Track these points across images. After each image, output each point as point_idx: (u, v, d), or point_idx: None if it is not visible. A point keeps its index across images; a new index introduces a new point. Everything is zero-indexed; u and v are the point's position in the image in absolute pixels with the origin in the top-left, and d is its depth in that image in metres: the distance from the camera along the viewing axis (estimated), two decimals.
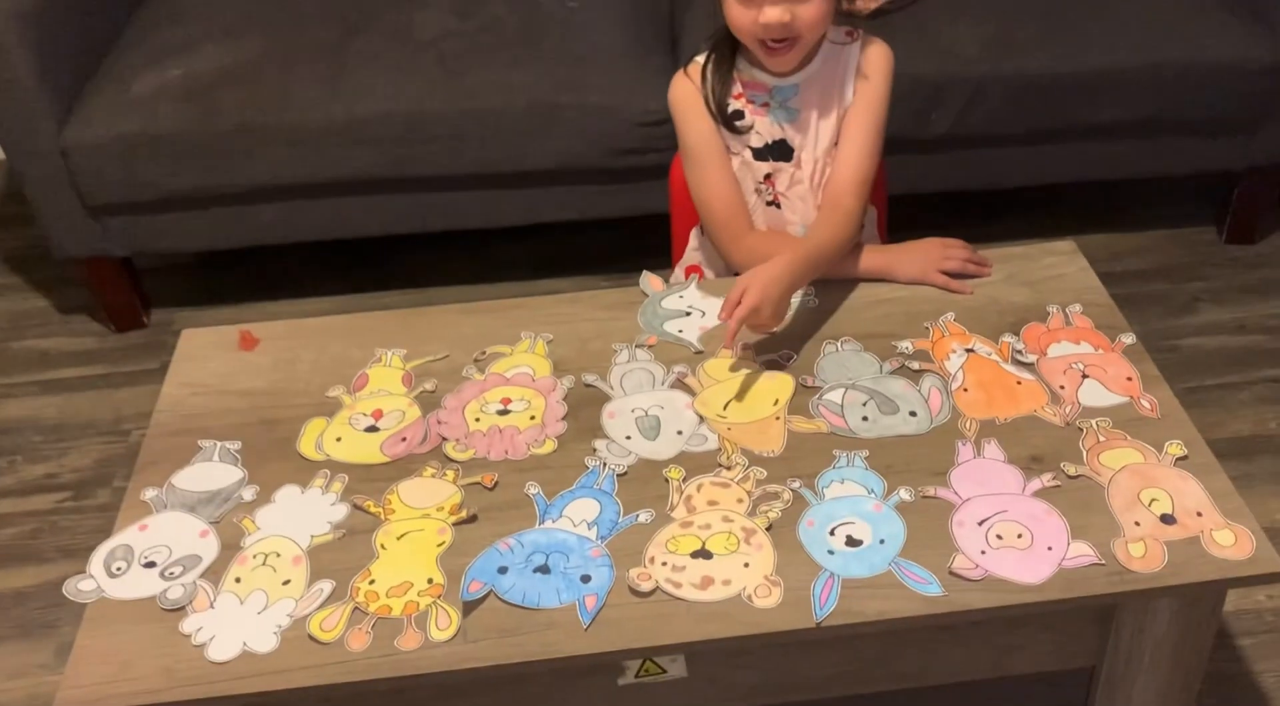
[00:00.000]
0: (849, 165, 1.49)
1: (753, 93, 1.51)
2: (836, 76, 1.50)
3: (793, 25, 1.39)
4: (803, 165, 1.53)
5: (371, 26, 2.27)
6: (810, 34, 1.42)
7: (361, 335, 1.46)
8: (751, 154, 1.53)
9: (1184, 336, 2.23)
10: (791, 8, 1.38)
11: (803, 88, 1.50)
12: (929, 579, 1.11)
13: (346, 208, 2.24)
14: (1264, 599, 1.74)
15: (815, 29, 1.42)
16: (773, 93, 1.50)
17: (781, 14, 1.37)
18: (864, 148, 1.49)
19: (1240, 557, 1.12)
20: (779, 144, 1.52)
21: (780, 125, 1.51)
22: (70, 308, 2.46)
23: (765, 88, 1.50)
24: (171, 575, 1.16)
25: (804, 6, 1.38)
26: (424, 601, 1.12)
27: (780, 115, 1.51)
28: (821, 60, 1.50)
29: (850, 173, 1.49)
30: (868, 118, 1.50)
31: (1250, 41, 2.17)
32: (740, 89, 1.51)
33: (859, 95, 1.50)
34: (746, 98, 1.51)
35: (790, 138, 1.52)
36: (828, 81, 1.50)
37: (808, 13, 1.39)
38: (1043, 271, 1.49)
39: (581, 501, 1.21)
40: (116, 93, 2.16)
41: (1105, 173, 2.36)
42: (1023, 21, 2.22)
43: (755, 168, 1.53)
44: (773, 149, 1.52)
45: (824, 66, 1.50)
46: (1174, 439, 1.24)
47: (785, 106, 1.50)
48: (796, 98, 1.50)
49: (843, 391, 1.33)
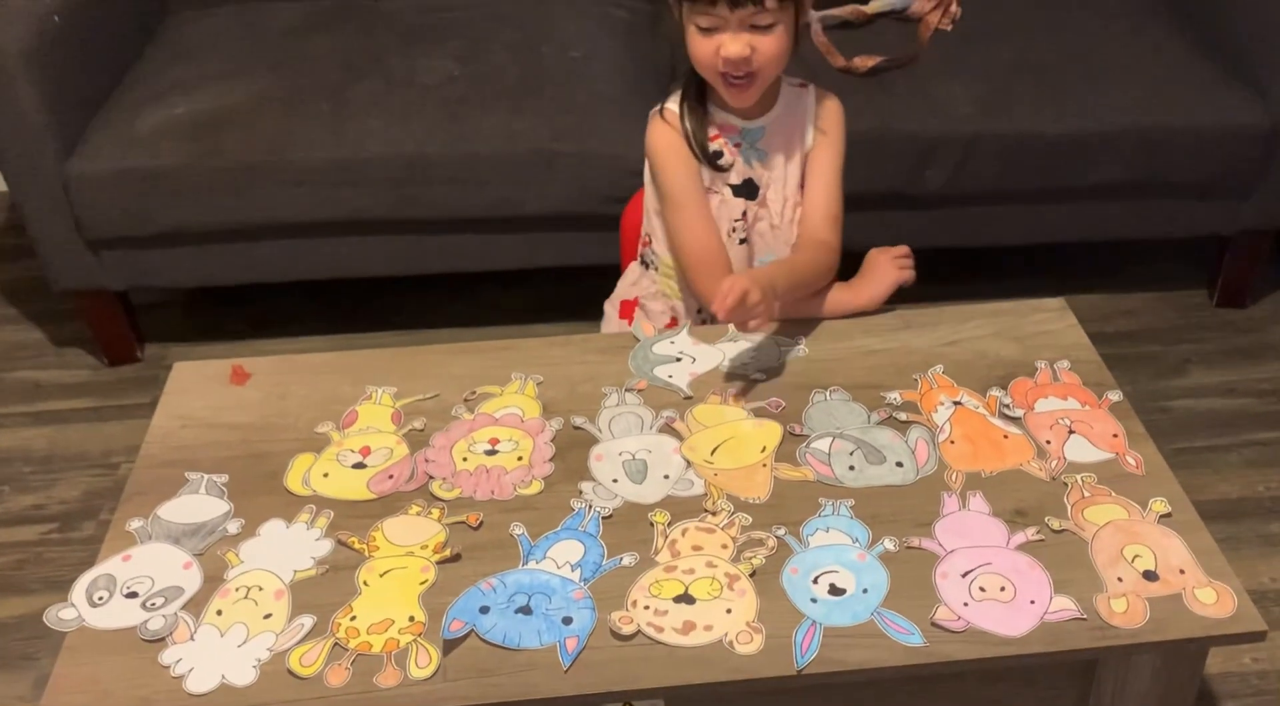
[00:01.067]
0: (821, 203, 1.56)
1: (726, 134, 1.55)
2: (797, 121, 1.56)
3: (752, 59, 1.42)
4: (768, 204, 1.57)
5: (375, 71, 2.30)
6: (769, 69, 1.46)
7: (352, 372, 1.47)
8: (731, 192, 1.56)
9: (1174, 398, 2.24)
10: (752, 41, 1.41)
11: (769, 130, 1.55)
12: (911, 629, 1.11)
13: (344, 248, 2.26)
14: (1249, 662, 1.74)
15: (774, 64, 1.46)
16: (743, 133, 1.55)
17: (742, 48, 1.41)
18: (832, 187, 1.57)
19: (1222, 616, 1.12)
20: (747, 183, 1.57)
21: (750, 165, 1.56)
22: (65, 340, 2.47)
23: (736, 129, 1.55)
24: (153, 606, 1.16)
25: (763, 40, 1.42)
26: (404, 639, 1.12)
27: (750, 155, 1.56)
28: (783, 105, 1.55)
29: (823, 210, 1.56)
30: (832, 161, 1.57)
31: (1242, 106, 2.20)
32: (716, 130, 1.55)
33: (821, 141, 1.56)
34: (723, 137, 1.55)
35: (758, 177, 1.56)
36: (790, 125, 1.56)
37: (767, 47, 1.42)
38: (1032, 327, 1.51)
39: (566, 543, 1.21)
40: (120, 128, 2.18)
41: (1097, 234, 2.38)
42: (1017, 82, 2.25)
43: (733, 205, 1.57)
44: (742, 189, 1.57)
45: (785, 111, 1.56)
46: (1158, 496, 1.24)
47: (755, 147, 1.55)
48: (764, 139, 1.55)
49: (830, 440, 1.33)
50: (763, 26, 1.41)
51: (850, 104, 2.18)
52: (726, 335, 1.51)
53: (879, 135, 2.18)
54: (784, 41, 1.44)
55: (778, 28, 1.42)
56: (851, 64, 2.27)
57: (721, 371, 1.45)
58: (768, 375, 1.44)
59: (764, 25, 1.41)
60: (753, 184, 1.57)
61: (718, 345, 1.49)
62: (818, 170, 1.56)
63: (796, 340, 1.49)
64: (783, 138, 1.56)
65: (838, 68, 2.28)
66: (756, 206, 1.57)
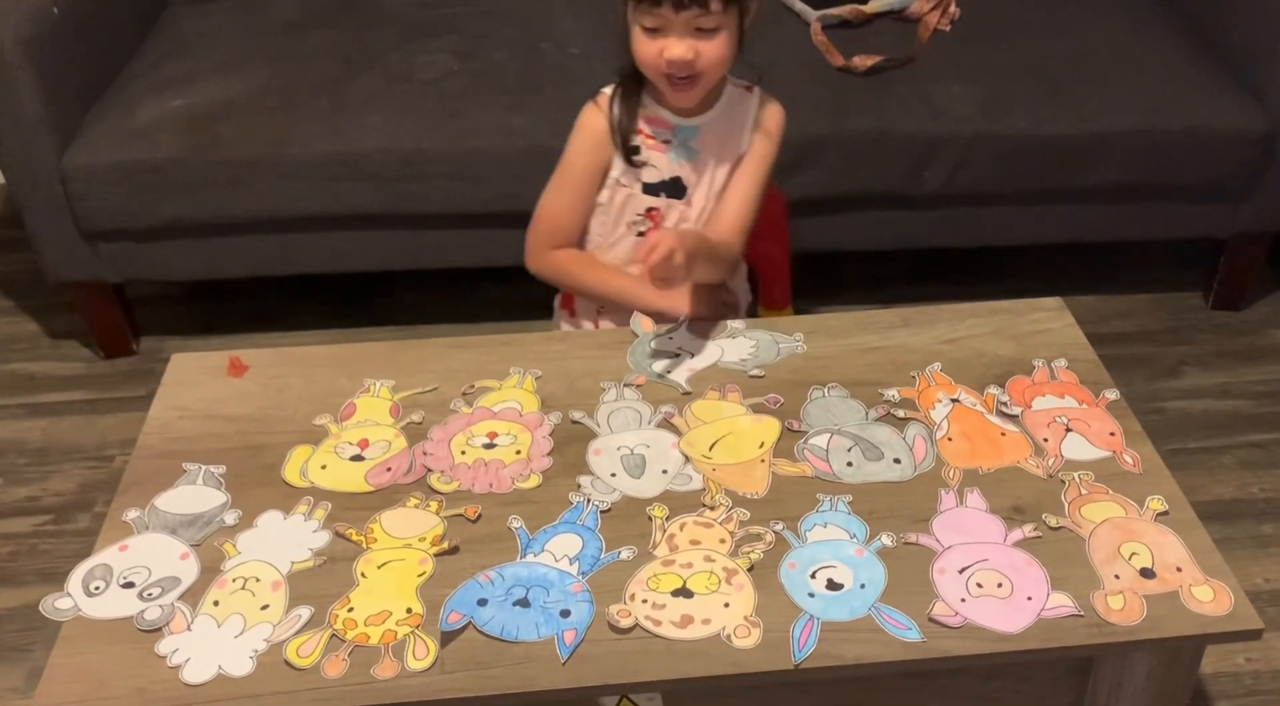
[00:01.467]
0: (734, 212, 1.55)
1: (656, 129, 1.55)
2: (736, 124, 1.55)
3: (695, 63, 1.43)
4: (693, 204, 1.57)
5: (374, 66, 2.30)
6: (712, 72, 1.46)
7: (350, 365, 1.47)
8: (641, 188, 1.56)
9: (1168, 399, 2.24)
10: (695, 45, 1.42)
11: (703, 130, 1.55)
12: (908, 624, 1.11)
13: (341, 242, 2.25)
14: (1243, 661, 1.74)
15: (717, 67, 1.46)
16: (675, 131, 1.55)
17: (685, 50, 1.41)
18: (750, 198, 1.56)
19: (1219, 614, 1.12)
20: (674, 181, 1.56)
21: (679, 163, 1.56)
22: (60, 332, 2.46)
23: (668, 125, 1.55)
24: (150, 596, 1.16)
25: (707, 44, 1.42)
26: (402, 630, 1.12)
27: (680, 153, 1.55)
28: (724, 106, 1.55)
29: (735, 219, 1.55)
30: (758, 171, 1.56)
31: (1240, 110, 2.21)
32: (643, 125, 1.55)
33: (754, 148, 1.56)
34: (648, 133, 1.55)
35: (686, 176, 1.56)
36: (728, 127, 1.55)
37: (710, 50, 1.43)
38: (1029, 326, 1.51)
39: (564, 536, 1.21)
40: (119, 120, 2.18)
41: (1093, 235, 2.38)
42: (1016, 83, 2.25)
43: (641, 201, 1.57)
44: (667, 185, 1.56)
45: (726, 112, 1.55)
46: (1155, 494, 1.25)
47: (686, 146, 1.55)
48: (697, 138, 1.55)
49: (828, 436, 1.34)
50: (707, 30, 1.41)
51: (849, 104, 2.21)
52: (725, 332, 1.51)
53: (877, 135, 2.18)
54: (728, 46, 1.44)
55: (722, 32, 1.42)
56: (850, 63, 2.27)
57: (720, 367, 1.45)
58: (766, 371, 1.44)
59: (708, 29, 1.41)
60: (680, 183, 1.56)
61: (716, 341, 1.49)
62: (740, 177, 1.55)
63: (795, 337, 1.49)
64: (717, 139, 1.55)
65: (836, 67, 2.28)
66: (683, 206, 1.57)
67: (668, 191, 1.57)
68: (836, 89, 2.24)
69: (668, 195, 1.57)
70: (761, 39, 2.37)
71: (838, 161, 2.19)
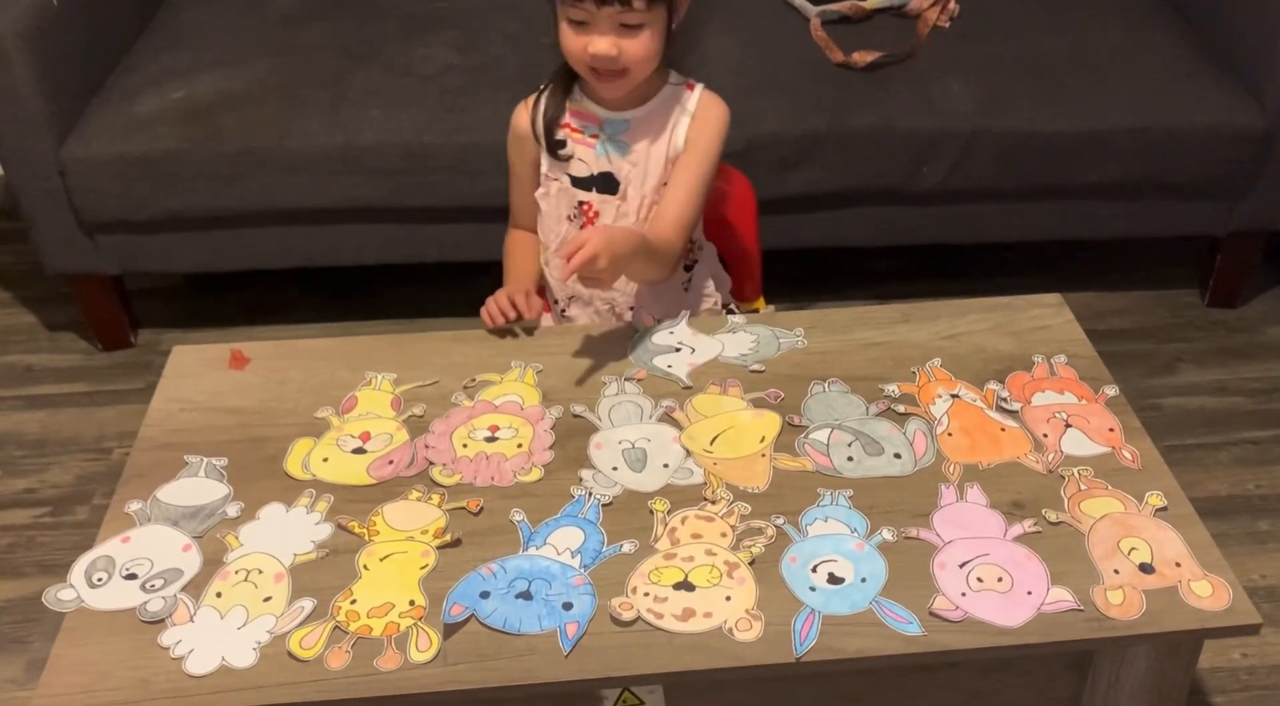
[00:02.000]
0: (675, 207, 1.53)
1: (584, 122, 1.55)
2: (670, 120, 1.54)
3: (619, 59, 1.43)
4: (629, 199, 1.56)
5: (374, 59, 2.30)
6: (637, 68, 1.45)
7: (351, 358, 1.47)
8: (570, 181, 1.57)
9: (1164, 396, 2.25)
10: (619, 41, 1.42)
11: (634, 124, 1.54)
12: (909, 618, 1.12)
13: (341, 235, 2.26)
14: (1238, 657, 1.75)
15: (642, 64, 1.45)
16: (603, 125, 1.54)
17: (609, 46, 1.42)
18: (691, 194, 1.54)
19: (1217, 608, 1.13)
20: (605, 176, 1.56)
21: (608, 157, 1.55)
22: (58, 324, 2.46)
23: (597, 119, 1.54)
24: (152, 588, 1.16)
25: (631, 42, 1.42)
26: (405, 623, 1.12)
27: (609, 147, 1.54)
28: (658, 102, 1.54)
29: (676, 215, 1.53)
30: (698, 167, 1.54)
31: (1237, 108, 2.22)
32: (570, 119, 1.55)
33: (691, 144, 1.54)
34: (574, 127, 1.55)
35: (617, 171, 1.55)
36: (660, 123, 1.54)
37: (634, 48, 1.42)
38: (1029, 322, 1.51)
39: (566, 529, 1.22)
40: (118, 112, 2.17)
41: (1091, 232, 2.39)
42: (1015, 80, 2.26)
43: (572, 194, 1.57)
44: (597, 180, 1.56)
45: (659, 108, 1.54)
46: (1154, 490, 1.25)
47: (615, 140, 1.54)
48: (627, 133, 1.54)
49: (829, 431, 1.34)
50: (631, 26, 1.41)
51: (848, 100, 2.21)
52: (725, 326, 1.51)
53: (877, 131, 2.19)
54: (653, 43, 1.44)
55: (646, 29, 1.42)
56: (850, 59, 2.27)
57: (720, 362, 1.45)
58: (766, 366, 1.44)
59: (632, 25, 1.41)
60: (611, 178, 1.55)
61: (717, 336, 1.50)
62: (679, 174, 1.54)
63: (795, 332, 1.49)
64: (648, 135, 1.54)
65: (836, 63, 2.28)
66: (618, 201, 1.56)
67: (599, 186, 1.56)
68: (836, 85, 2.24)
69: (599, 190, 1.56)
70: (761, 35, 2.39)
71: (837, 157, 2.20)
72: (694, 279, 1.67)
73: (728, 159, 2.17)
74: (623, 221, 1.57)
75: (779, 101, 2.21)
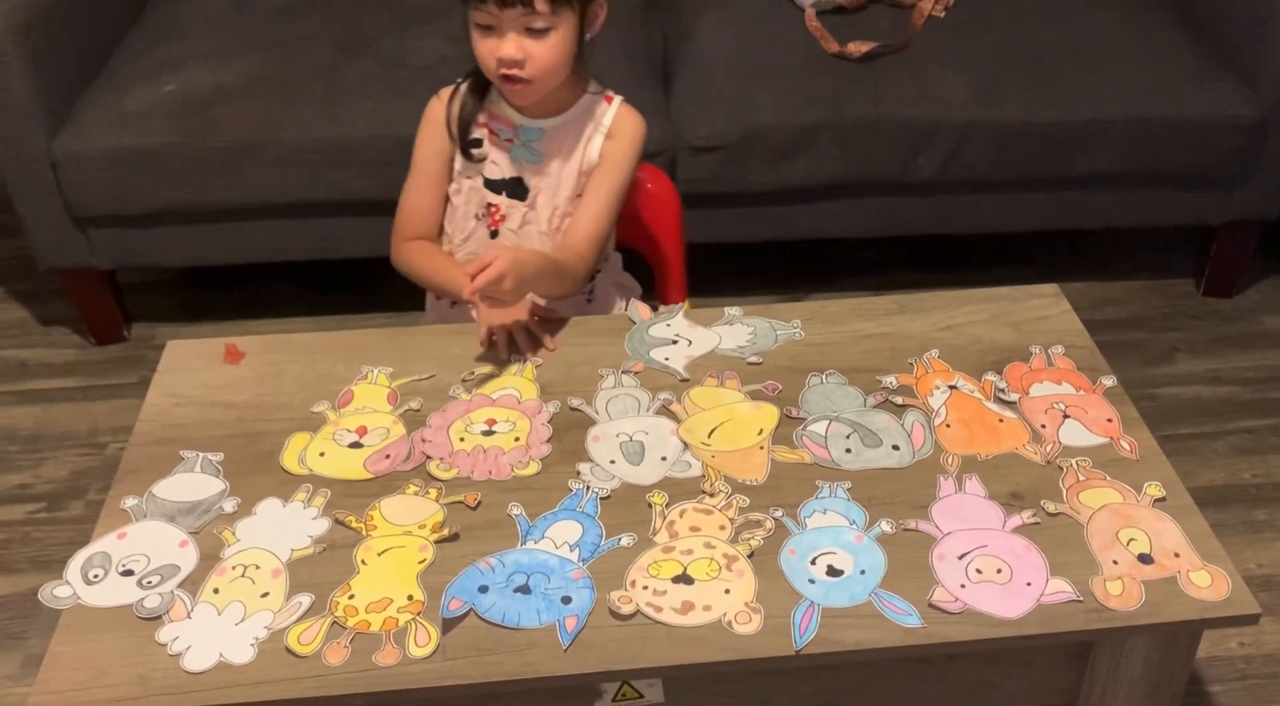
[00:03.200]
0: (588, 222, 1.52)
1: (498, 126, 1.54)
2: (585, 132, 1.53)
3: (525, 64, 1.41)
4: (538, 208, 1.55)
5: (367, 51, 2.29)
6: (545, 75, 1.44)
7: (347, 352, 1.46)
8: (483, 182, 1.55)
9: (1160, 386, 2.25)
10: (525, 45, 1.40)
11: (549, 133, 1.53)
12: (909, 610, 1.12)
13: (335, 229, 2.25)
14: (1235, 646, 1.75)
15: (549, 71, 1.44)
16: (518, 131, 1.53)
17: (515, 50, 1.40)
18: (605, 208, 1.53)
19: (1216, 599, 1.13)
20: (515, 181, 1.55)
21: (520, 164, 1.54)
22: (51, 319, 2.45)
23: (512, 125, 1.53)
24: (149, 584, 1.15)
25: (537, 45, 1.41)
26: (403, 618, 1.12)
27: (522, 154, 1.53)
28: (574, 112, 1.53)
29: (588, 229, 1.52)
30: (612, 183, 1.53)
31: (1233, 98, 2.22)
32: (486, 119, 1.54)
33: (606, 160, 1.53)
34: (490, 129, 1.54)
35: (527, 178, 1.54)
36: (575, 134, 1.53)
37: (540, 52, 1.41)
38: (1026, 313, 1.51)
39: (564, 523, 1.21)
40: (110, 105, 2.16)
41: (1086, 222, 2.39)
42: (1011, 70, 2.25)
43: (482, 194, 1.56)
44: (508, 185, 1.55)
45: (575, 119, 1.53)
46: (1153, 480, 1.25)
47: (528, 147, 1.53)
48: (541, 141, 1.53)
49: (827, 423, 1.34)
50: (537, 30, 1.40)
51: (843, 90, 2.21)
52: (722, 319, 1.51)
53: (872, 122, 2.18)
54: (561, 49, 1.42)
55: (553, 34, 1.41)
56: (845, 49, 2.27)
57: (717, 354, 1.45)
58: (764, 358, 1.44)
59: (539, 29, 1.40)
60: (522, 184, 1.54)
61: (714, 328, 1.49)
62: (593, 190, 1.53)
63: (793, 324, 1.49)
64: (563, 145, 1.53)
65: (831, 53, 2.28)
66: (525, 209, 1.55)
67: (509, 191, 1.55)
68: (831, 75, 2.24)
69: (509, 195, 1.55)
70: (755, 26, 2.38)
71: (832, 148, 2.19)
72: (597, 290, 1.66)
73: (719, 150, 2.18)
74: (528, 228, 1.56)
75: (774, 93, 2.20)
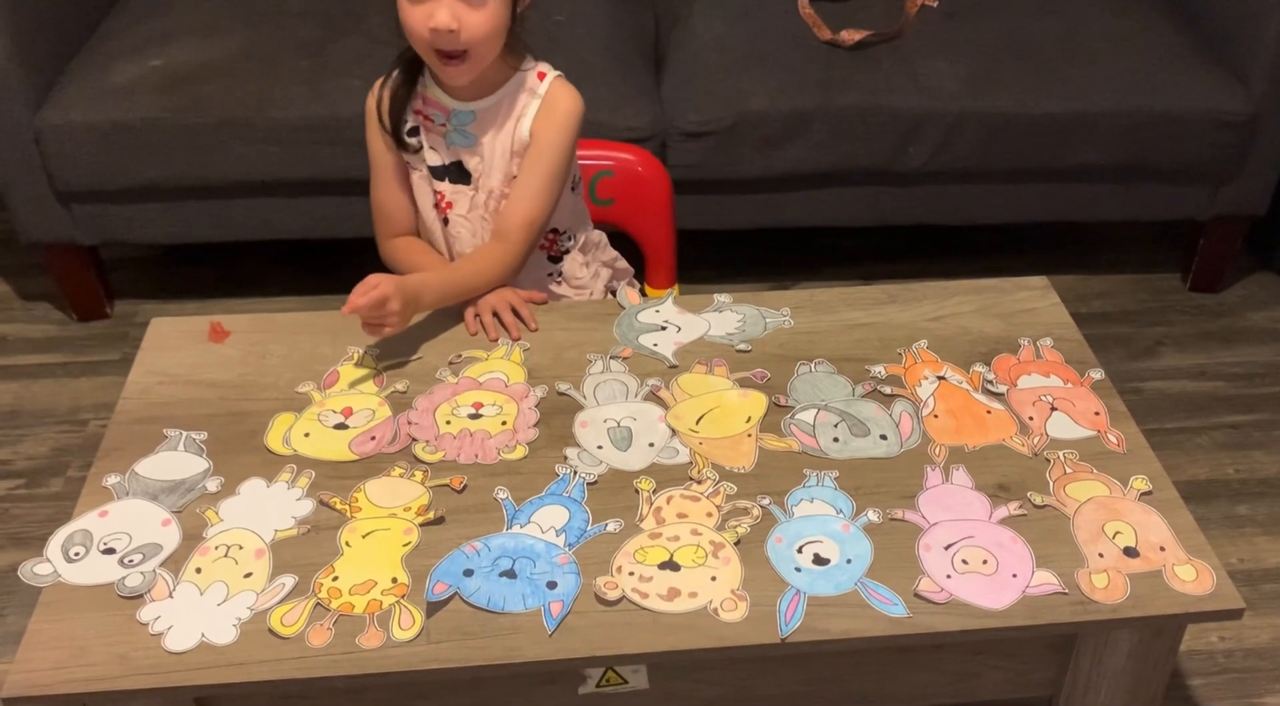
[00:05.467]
0: (520, 206, 1.49)
1: (432, 111, 1.50)
2: (515, 112, 1.49)
3: (460, 34, 1.37)
4: (481, 190, 1.53)
5: (355, 28, 2.27)
6: (480, 47, 1.39)
7: (333, 333, 1.45)
8: (429, 171, 1.53)
9: (1145, 380, 2.26)
10: (460, 14, 1.36)
11: (480, 115, 1.49)
12: (894, 600, 1.11)
13: (320, 208, 2.23)
14: (1216, 640, 1.76)
15: (484, 42, 1.39)
16: (451, 115, 1.50)
17: (449, 19, 1.36)
18: (537, 190, 1.49)
19: (1201, 593, 1.13)
20: (456, 166, 1.52)
21: (457, 148, 1.51)
22: (32, 294, 2.43)
23: (445, 109, 1.50)
24: (130, 563, 1.14)
25: (472, 15, 1.36)
26: (387, 600, 1.11)
27: (456, 139, 1.50)
28: (505, 92, 1.49)
29: (521, 214, 1.49)
30: (545, 164, 1.48)
31: (1223, 93, 2.22)
32: (420, 105, 1.51)
33: (538, 137, 1.48)
34: (425, 115, 1.51)
35: (466, 162, 1.52)
36: (506, 115, 1.49)
37: (475, 21, 1.37)
38: (1015, 305, 1.51)
39: (550, 508, 1.21)
40: (94, 80, 2.14)
41: (1075, 215, 2.39)
42: (1002, 62, 2.25)
43: (432, 184, 1.54)
44: (449, 171, 1.53)
45: (505, 98, 1.49)
46: (1139, 474, 1.25)
47: (462, 131, 1.50)
48: (474, 124, 1.49)
49: (815, 412, 1.33)
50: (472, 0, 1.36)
51: (835, 78, 2.20)
52: (711, 305, 1.50)
53: (863, 110, 2.18)
54: (495, 20, 1.38)
55: (489, 5, 1.37)
56: (838, 38, 2.26)
57: (706, 341, 1.44)
58: (753, 346, 1.43)
59: None
60: (463, 168, 1.52)
61: (703, 315, 1.49)
62: (525, 171, 1.49)
63: (782, 312, 1.48)
64: (495, 127, 1.49)
65: (824, 41, 2.27)
66: (471, 192, 1.53)
67: (451, 177, 1.53)
68: (823, 63, 2.23)
69: (452, 181, 1.53)
70: (748, 12, 2.37)
71: (823, 136, 2.19)
72: (565, 270, 1.63)
73: (710, 136, 2.17)
74: (477, 212, 1.54)
75: (765, 79, 2.20)
